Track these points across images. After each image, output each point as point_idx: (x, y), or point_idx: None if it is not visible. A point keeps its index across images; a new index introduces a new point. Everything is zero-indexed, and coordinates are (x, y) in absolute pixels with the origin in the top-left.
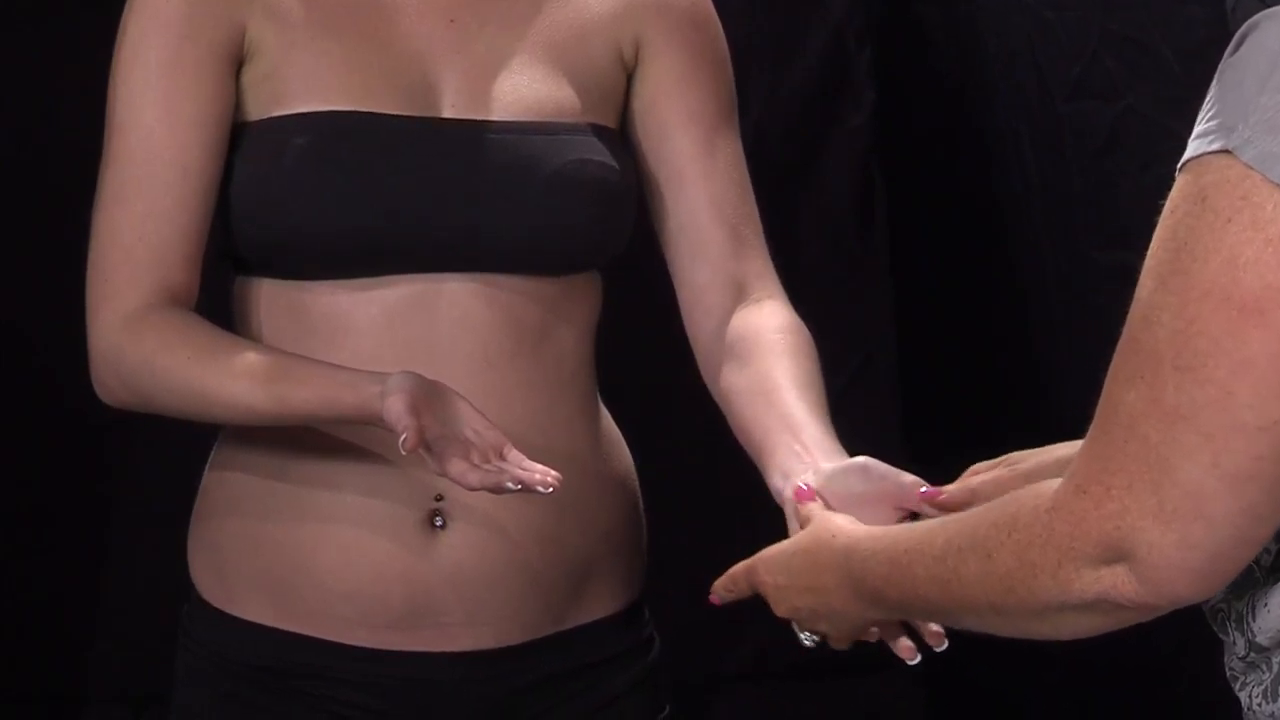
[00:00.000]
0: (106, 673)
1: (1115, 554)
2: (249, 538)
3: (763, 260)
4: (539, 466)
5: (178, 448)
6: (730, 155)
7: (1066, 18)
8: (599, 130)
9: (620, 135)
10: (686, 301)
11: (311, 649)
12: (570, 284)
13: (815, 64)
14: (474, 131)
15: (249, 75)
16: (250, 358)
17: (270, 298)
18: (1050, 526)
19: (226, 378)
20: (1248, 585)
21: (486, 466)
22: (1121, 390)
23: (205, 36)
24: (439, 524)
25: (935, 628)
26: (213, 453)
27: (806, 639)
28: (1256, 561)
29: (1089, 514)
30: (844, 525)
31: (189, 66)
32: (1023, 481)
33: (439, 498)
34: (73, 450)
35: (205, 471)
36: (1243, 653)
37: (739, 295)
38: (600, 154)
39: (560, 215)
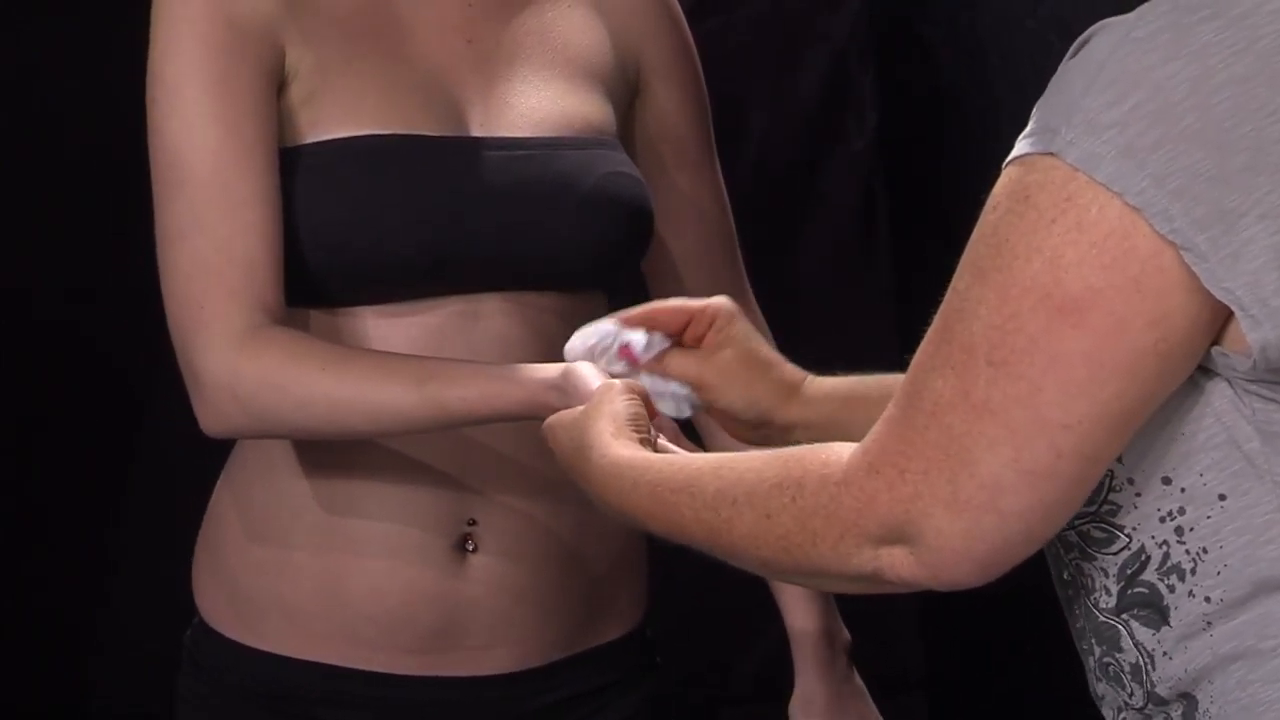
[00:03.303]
0: (108, 691)
1: (898, 536)
2: (271, 566)
3: (742, 301)
4: None
5: (184, 463)
6: (717, 190)
7: (1071, 41)
8: (621, 144)
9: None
10: None
11: (328, 676)
12: (586, 301)
13: (817, 85)
14: (509, 149)
15: (287, 99)
16: (391, 362)
17: (302, 327)
18: (838, 499)
19: (369, 384)
20: (1107, 633)
21: None
22: (928, 377)
23: (252, 56)
24: (470, 548)
25: None
26: (223, 478)
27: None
28: (1095, 605)
29: (880, 494)
30: (608, 443)
31: (244, 86)
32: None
33: (471, 522)
34: (75, 467)
35: (215, 497)
36: (1140, 704)
37: None
38: (629, 167)
39: (599, 230)
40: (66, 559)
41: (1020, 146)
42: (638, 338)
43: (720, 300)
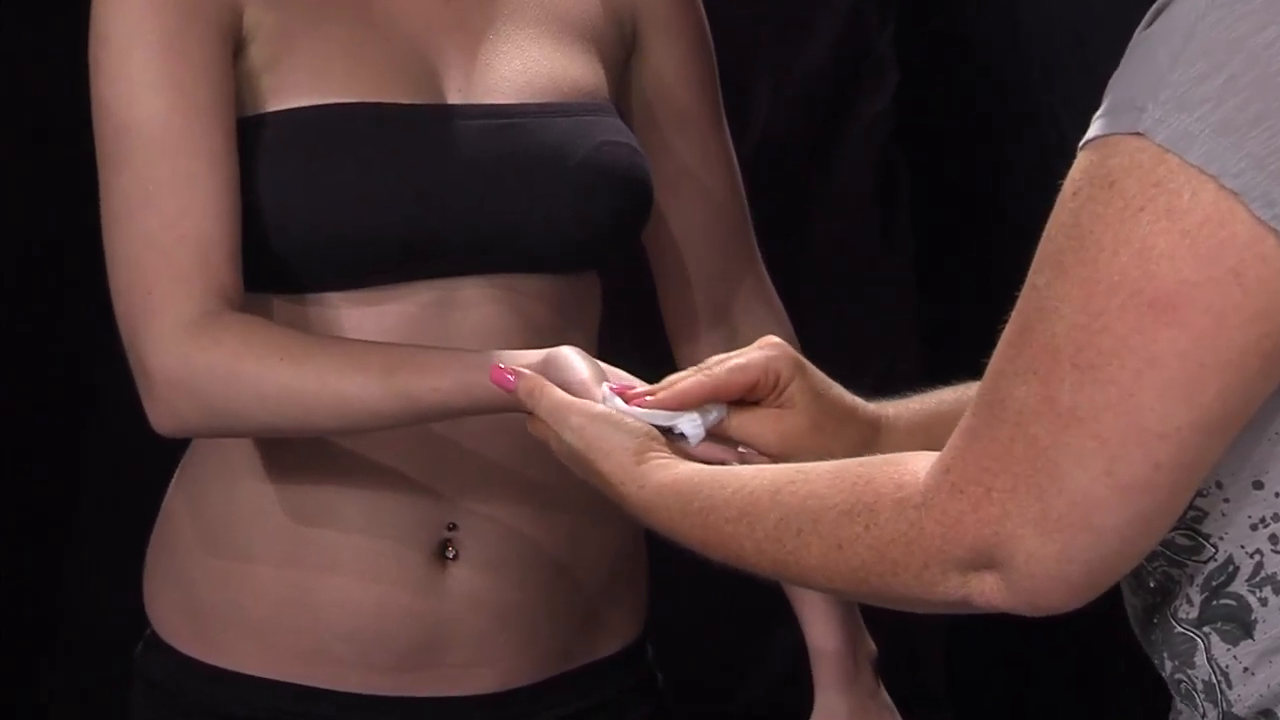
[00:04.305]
0: (51, 710)
1: (988, 560)
2: (231, 575)
3: (754, 280)
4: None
5: (137, 460)
6: (724, 157)
7: None
8: (616, 109)
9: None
10: (671, 324)
11: (295, 696)
12: (578, 283)
13: (831, 43)
14: (491, 118)
15: (245, 64)
16: (356, 350)
17: (263, 314)
18: (919, 526)
19: (333, 376)
20: (1185, 647)
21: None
22: (1010, 385)
23: (206, 15)
24: (451, 555)
25: None
26: (176, 479)
27: None
28: (1173, 615)
29: (965, 516)
30: (641, 474)
31: (195, 48)
32: (734, 387)
33: (452, 526)
34: (18, 466)
35: (169, 499)
36: None
37: (730, 333)
38: (624, 135)
39: (592, 206)
40: (5, 566)
41: (1097, 126)
42: (692, 427)
43: (778, 353)
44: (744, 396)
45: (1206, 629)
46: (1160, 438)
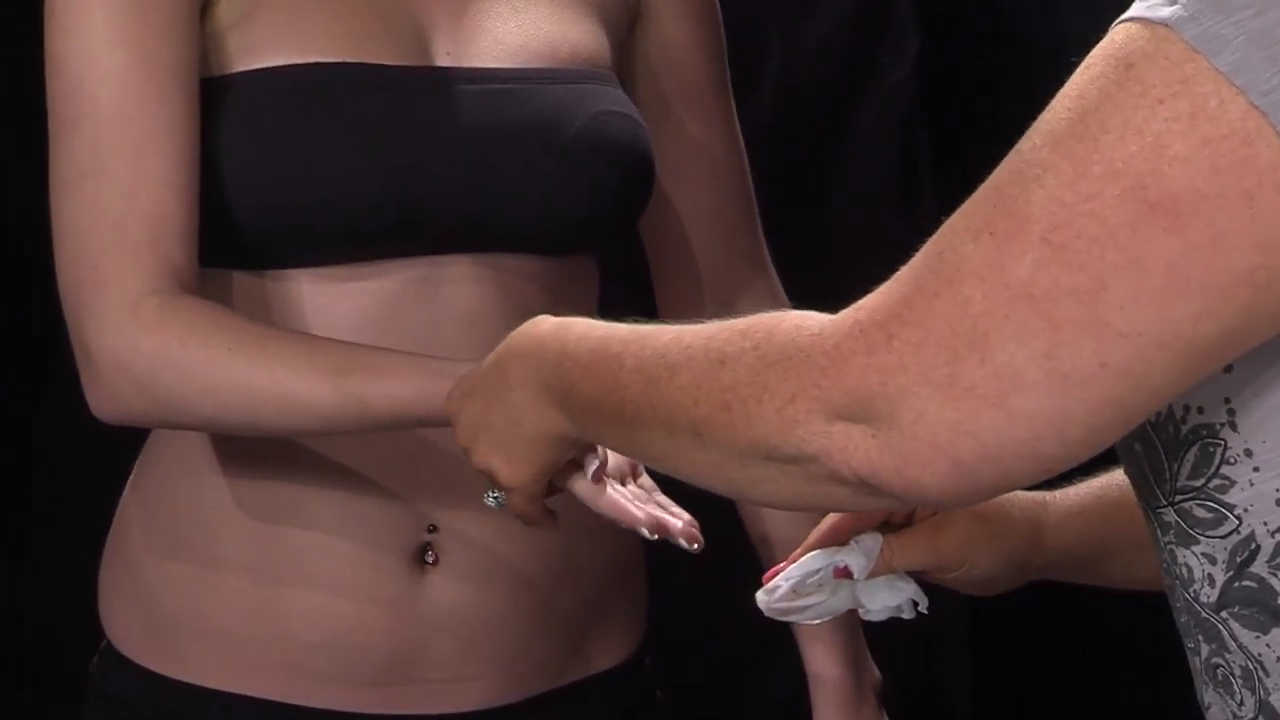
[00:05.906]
0: None
1: (864, 412)
2: (194, 581)
3: (760, 271)
4: (684, 514)
5: (92, 455)
6: (731, 136)
7: None
8: (616, 78)
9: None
10: (669, 318)
11: (264, 713)
12: (573, 265)
13: (847, 7)
14: (482, 83)
15: (214, 21)
16: (310, 346)
17: (226, 292)
18: (805, 351)
19: (284, 372)
20: (1213, 630)
21: (641, 503)
22: (958, 240)
23: None
24: (430, 560)
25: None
26: (134, 476)
27: (489, 498)
28: (1196, 599)
29: (855, 356)
30: (559, 319)
31: (160, 3)
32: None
33: (432, 528)
34: None
35: (125, 498)
36: (1251, 714)
37: None
38: (626, 106)
39: (589, 181)
40: None
41: (1136, 7)
42: (855, 557)
43: None
44: (889, 519)
45: (1224, 614)
46: (1119, 335)
